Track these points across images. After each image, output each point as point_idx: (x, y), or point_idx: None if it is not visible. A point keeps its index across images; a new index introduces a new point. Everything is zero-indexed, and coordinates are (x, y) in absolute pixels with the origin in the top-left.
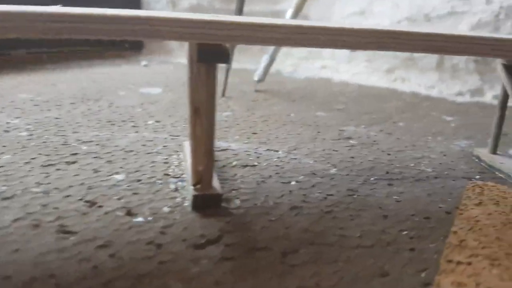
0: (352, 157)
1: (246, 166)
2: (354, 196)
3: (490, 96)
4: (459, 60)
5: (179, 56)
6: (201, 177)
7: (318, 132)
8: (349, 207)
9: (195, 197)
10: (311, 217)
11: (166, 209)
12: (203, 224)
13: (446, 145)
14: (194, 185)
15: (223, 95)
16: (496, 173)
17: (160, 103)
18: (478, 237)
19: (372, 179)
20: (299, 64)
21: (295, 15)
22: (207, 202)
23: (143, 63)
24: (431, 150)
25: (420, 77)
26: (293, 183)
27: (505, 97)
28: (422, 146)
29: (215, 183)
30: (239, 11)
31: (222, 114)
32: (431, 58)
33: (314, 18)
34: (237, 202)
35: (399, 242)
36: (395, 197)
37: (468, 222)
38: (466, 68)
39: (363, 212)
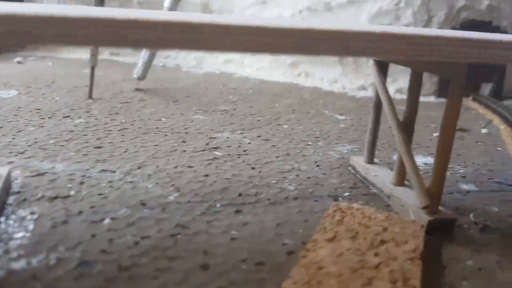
0: (206, 175)
1: (56, 198)
2: (179, 237)
3: (393, 90)
4: None
5: (66, 50)
6: None
7: (183, 141)
8: (163, 255)
9: None
10: (98, 280)
11: None
12: None
13: (325, 151)
14: None
15: (89, 96)
16: (370, 188)
17: (3, 109)
18: None
19: (218, 205)
20: (203, 58)
21: (175, 4)
22: None
23: (17, 59)
24: (305, 159)
25: (324, 72)
26: (106, 221)
27: (379, 97)
28: (296, 154)
29: None
30: (100, 2)
31: (72, 122)
32: None
33: (215, 8)
34: None
35: None
36: (234, 232)
37: (307, 270)
38: (368, 61)
39: (177, 262)
